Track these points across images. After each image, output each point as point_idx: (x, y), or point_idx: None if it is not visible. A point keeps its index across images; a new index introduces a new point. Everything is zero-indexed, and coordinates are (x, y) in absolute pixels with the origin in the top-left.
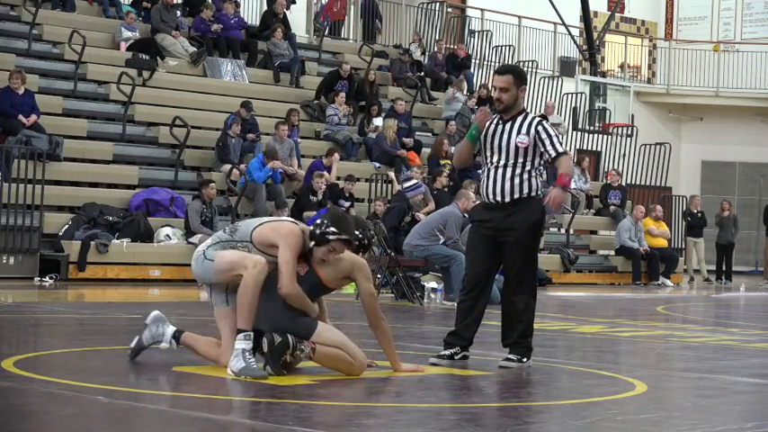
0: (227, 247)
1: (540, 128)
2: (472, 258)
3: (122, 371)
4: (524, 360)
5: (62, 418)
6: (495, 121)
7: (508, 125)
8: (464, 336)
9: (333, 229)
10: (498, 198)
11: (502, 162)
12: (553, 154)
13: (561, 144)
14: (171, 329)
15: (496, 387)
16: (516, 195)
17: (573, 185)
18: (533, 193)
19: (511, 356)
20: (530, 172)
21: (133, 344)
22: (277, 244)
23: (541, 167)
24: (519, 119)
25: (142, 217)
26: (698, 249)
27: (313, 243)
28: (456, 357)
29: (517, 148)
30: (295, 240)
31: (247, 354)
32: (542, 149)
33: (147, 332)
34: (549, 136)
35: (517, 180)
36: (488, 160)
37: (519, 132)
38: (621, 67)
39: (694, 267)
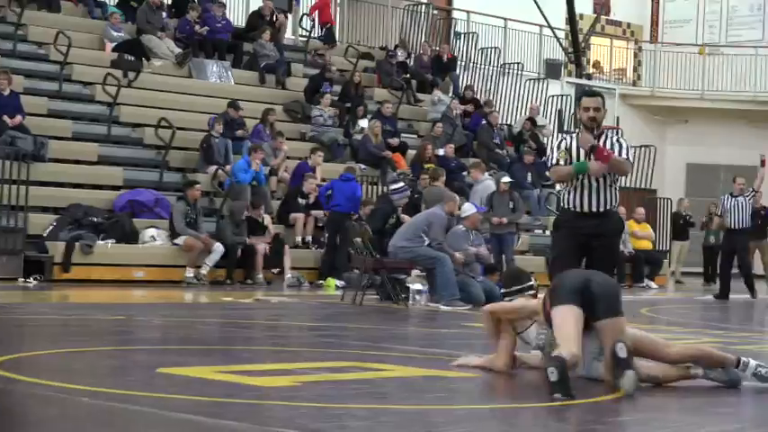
0: None
1: (616, 139)
2: (560, 256)
3: (106, 372)
4: None
5: (46, 420)
6: (576, 141)
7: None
8: None
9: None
10: (593, 208)
11: (593, 176)
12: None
13: (630, 156)
14: None
15: (482, 389)
16: (607, 206)
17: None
18: (616, 204)
19: None
20: (614, 184)
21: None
22: None
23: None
24: (602, 138)
25: (127, 218)
26: (682, 252)
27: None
28: None
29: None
30: None
31: None
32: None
33: None
34: (623, 146)
35: (608, 193)
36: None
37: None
38: (596, 66)
39: (681, 270)
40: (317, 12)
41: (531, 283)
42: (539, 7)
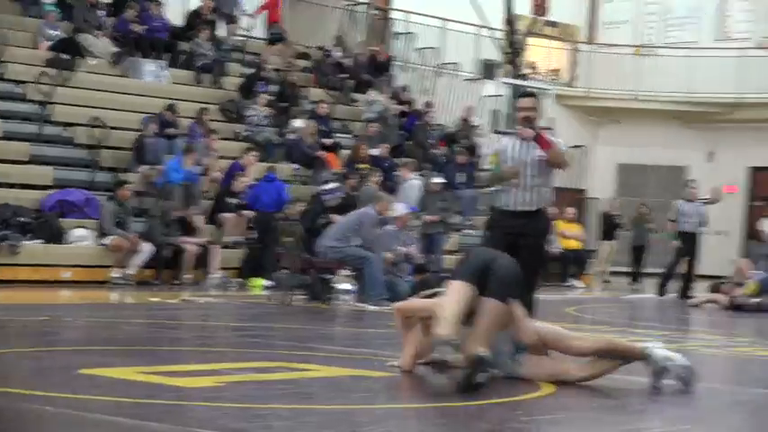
0: None
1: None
2: None
3: (27, 373)
4: None
5: None
6: (513, 141)
7: (526, 142)
8: None
9: None
10: (522, 207)
11: (528, 173)
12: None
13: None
14: None
15: (404, 389)
16: (537, 206)
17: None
18: (547, 204)
19: None
20: (545, 185)
21: None
22: None
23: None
24: None
25: (55, 218)
26: (610, 252)
27: None
28: None
29: (539, 161)
30: None
31: None
32: None
33: None
34: (555, 141)
35: (539, 193)
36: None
37: (536, 147)
38: (531, 66)
39: (609, 269)
40: (264, 12)
41: (440, 289)
42: (475, 7)
